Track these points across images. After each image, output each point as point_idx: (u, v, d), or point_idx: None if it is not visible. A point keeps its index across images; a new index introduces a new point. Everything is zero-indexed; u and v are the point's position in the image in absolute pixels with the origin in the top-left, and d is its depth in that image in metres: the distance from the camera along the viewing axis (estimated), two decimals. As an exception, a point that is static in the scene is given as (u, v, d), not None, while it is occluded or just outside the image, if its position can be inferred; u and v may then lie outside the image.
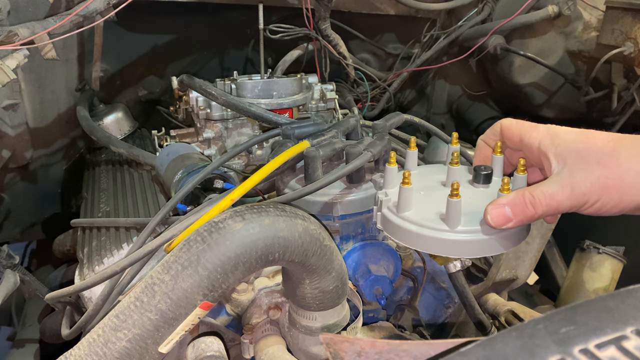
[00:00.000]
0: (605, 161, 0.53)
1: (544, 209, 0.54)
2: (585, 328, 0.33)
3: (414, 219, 0.58)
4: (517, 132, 0.61)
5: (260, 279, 0.81)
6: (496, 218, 0.55)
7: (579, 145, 0.54)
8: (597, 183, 0.52)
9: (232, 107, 1.09)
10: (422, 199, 0.61)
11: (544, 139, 0.57)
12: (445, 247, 0.57)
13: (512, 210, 0.55)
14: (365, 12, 1.62)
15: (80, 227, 1.02)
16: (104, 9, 1.03)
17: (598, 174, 0.52)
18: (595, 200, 0.53)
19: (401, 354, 0.40)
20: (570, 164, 0.54)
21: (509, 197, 0.56)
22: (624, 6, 1.36)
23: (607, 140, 0.54)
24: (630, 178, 0.52)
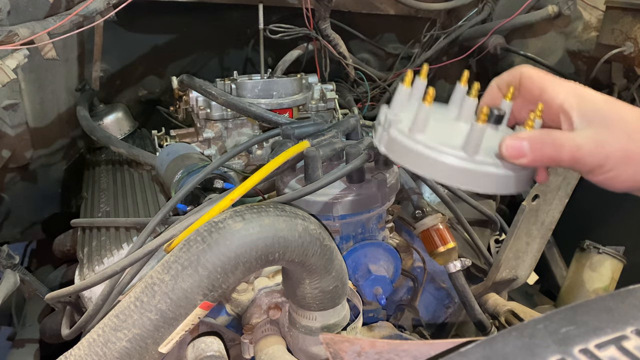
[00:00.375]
0: (632, 134, 0.51)
1: (569, 155, 0.51)
2: (585, 328, 0.33)
3: (429, 143, 0.53)
4: (539, 84, 0.57)
5: (260, 279, 0.81)
6: (511, 149, 0.52)
7: (607, 111, 0.52)
8: (620, 151, 0.51)
9: (232, 107, 1.09)
10: (433, 127, 0.55)
11: (569, 96, 0.54)
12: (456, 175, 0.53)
13: (531, 145, 0.52)
14: (365, 12, 1.62)
15: (80, 227, 1.02)
16: (104, 9, 1.03)
17: (623, 143, 0.51)
18: (611, 167, 0.51)
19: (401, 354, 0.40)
20: (596, 125, 0.52)
21: (531, 133, 0.53)
22: (624, 6, 1.36)
23: (635, 113, 0.52)
24: None
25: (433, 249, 0.91)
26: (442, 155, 0.53)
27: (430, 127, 0.55)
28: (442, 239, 0.90)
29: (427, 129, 0.55)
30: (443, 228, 0.91)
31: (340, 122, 0.88)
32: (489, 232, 1.11)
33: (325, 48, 1.46)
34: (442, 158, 0.53)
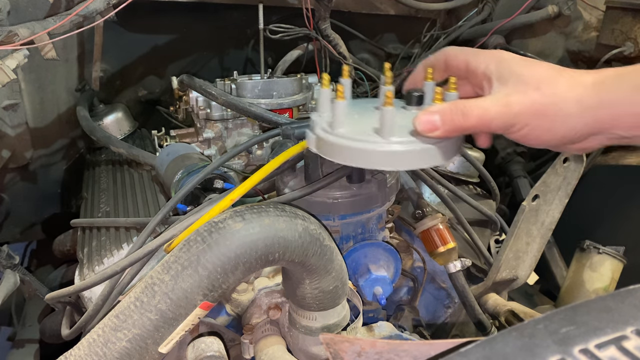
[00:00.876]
0: (544, 88, 0.53)
1: (475, 120, 0.54)
2: (585, 328, 0.33)
3: (348, 135, 0.58)
4: (463, 59, 0.60)
5: (260, 279, 0.81)
6: (424, 124, 0.55)
7: (522, 70, 0.54)
8: (530, 107, 0.53)
9: (232, 107, 1.09)
10: (356, 119, 0.61)
11: (490, 63, 0.57)
12: (379, 159, 0.56)
13: (442, 118, 0.55)
14: (365, 12, 1.62)
15: (80, 227, 1.02)
16: (104, 9, 1.03)
17: (533, 98, 0.53)
18: (524, 124, 0.53)
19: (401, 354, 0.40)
20: (510, 85, 0.54)
21: (441, 106, 0.56)
22: (624, 6, 1.36)
23: (550, 69, 0.54)
24: (563, 106, 0.52)
25: (433, 249, 0.90)
26: (361, 143, 0.56)
27: (354, 120, 0.61)
28: (442, 239, 0.90)
29: (349, 122, 0.60)
30: (443, 228, 0.91)
31: (340, 122, 0.88)
32: (489, 232, 1.11)
33: (325, 48, 1.46)
34: (362, 146, 0.56)
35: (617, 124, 0.53)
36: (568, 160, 0.87)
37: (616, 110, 0.52)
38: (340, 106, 0.59)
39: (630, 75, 0.52)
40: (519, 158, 1.62)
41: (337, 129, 0.59)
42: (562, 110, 0.52)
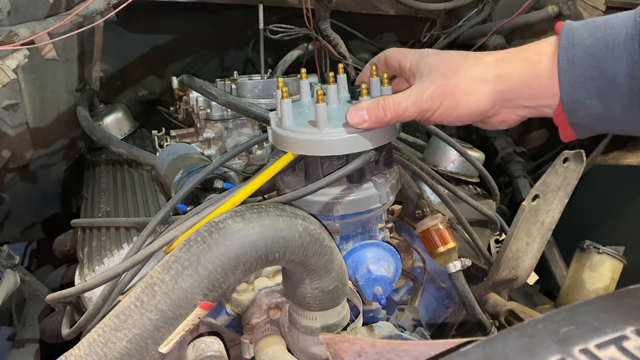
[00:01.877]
0: (448, 72, 0.60)
1: (392, 114, 0.63)
2: (585, 328, 0.33)
3: (292, 128, 0.70)
4: (396, 58, 0.69)
5: (260, 279, 0.81)
6: (354, 118, 0.65)
7: (434, 62, 0.62)
8: (437, 91, 0.61)
9: (232, 107, 1.09)
10: (305, 116, 0.73)
11: (414, 60, 0.65)
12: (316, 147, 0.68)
13: (368, 112, 0.65)
14: (365, 12, 1.62)
15: (80, 227, 1.02)
16: (104, 9, 1.03)
17: (439, 83, 0.60)
18: (437, 106, 0.61)
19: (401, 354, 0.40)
20: (423, 77, 0.63)
21: (368, 102, 0.65)
22: (624, 6, 1.36)
23: (458, 56, 0.62)
24: (465, 85, 0.60)
25: (433, 249, 0.90)
26: (301, 134, 0.69)
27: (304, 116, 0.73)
28: (442, 239, 0.90)
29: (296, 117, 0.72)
30: (443, 228, 0.91)
31: (340, 122, 0.88)
32: (489, 232, 1.11)
33: (325, 48, 1.46)
34: (302, 136, 0.69)
35: (517, 94, 0.59)
36: (568, 160, 0.87)
37: (512, 83, 0.58)
38: (285, 104, 0.71)
39: (526, 51, 0.59)
40: (519, 158, 1.62)
41: (285, 124, 0.71)
42: (464, 89, 0.60)
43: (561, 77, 0.55)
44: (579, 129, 0.59)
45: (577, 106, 0.55)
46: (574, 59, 0.54)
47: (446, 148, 1.06)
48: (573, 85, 0.55)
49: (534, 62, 0.57)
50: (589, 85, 0.54)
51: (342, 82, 0.80)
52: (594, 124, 0.57)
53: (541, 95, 0.58)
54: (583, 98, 0.54)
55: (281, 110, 0.72)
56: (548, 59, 0.56)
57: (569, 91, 0.55)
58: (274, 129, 0.73)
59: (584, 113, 0.56)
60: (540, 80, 0.57)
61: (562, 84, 0.55)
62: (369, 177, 0.77)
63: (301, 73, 0.78)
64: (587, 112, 0.55)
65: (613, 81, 0.52)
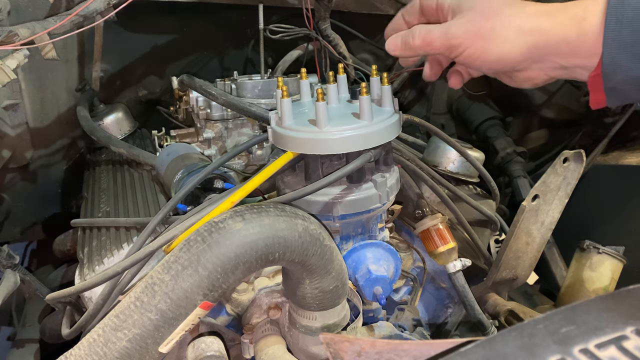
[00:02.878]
0: (488, 13, 0.58)
1: (420, 40, 0.62)
2: (585, 328, 0.33)
3: (292, 127, 0.70)
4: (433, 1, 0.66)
5: (260, 279, 0.81)
6: (390, 44, 0.67)
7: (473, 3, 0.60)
8: (470, 31, 0.59)
9: (232, 107, 1.09)
10: (305, 115, 0.73)
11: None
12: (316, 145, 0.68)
13: (401, 39, 0.65)
14: (365, 12, 1.62)
15: (80, 227, 1.02)
16: (104, 9, 1.03)
17: (476, 22, 0.59)
18: (467, 45, 0.59)
19: (401, 354, 0.40)
20: (462, 13, 0.61)
21: (403, 32, 0.66)
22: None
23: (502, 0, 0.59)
24: (501, 30, 0.58)
25: (433, 249, 0.90)
26: (301, 133, 0.69)
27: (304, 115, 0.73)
28: (442, 239, 0.90)
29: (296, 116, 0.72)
30: (443, 228, 0.91)
31: (340, 122, 0.88)
32: (489, 232, 1.11)
33: (325, 48, 1.46)
34: (302, 135, 0.69)
35: (553, 50, 0.57)
36: (568, 160, 0.87)
37: (551, 37, 0.56)
38: (285, 103, 0.71)
39: (572, 7, 0.56)
40: (519, 158, 1.62)
41: (285, 123, 0.71)
42: (500, 34, 0.57)
43: (607, 37, 0.53)
44: (612, 94, 0.57)
45: (617, 69, 0.54)
46: (623, 19, 0.52)
47: (446, 148, 1.06)
48: (617, 46, 0.53)
49: (579, 19, 0.55)
50: (634, 47, 0.52)
51: (342, 81, 0.80)
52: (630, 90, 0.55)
53: (580, 54, 0.56)
54: (625, 60, 0.53)
55: (281, 110, 0.72)
56: (594, 17, 0.54)
57: (612, 52, 0.53)
58: (274, 128, 0.73)
59: (622, 77, 0.54)
60: (583, 37, 0.55)
61: (607, 43, 0.53)
62: (369, 177, 0.77)
63: (301, 73, 0.78)
64: (627, 76, 0.54)
65: None
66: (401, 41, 0.65)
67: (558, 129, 1.77)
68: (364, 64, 1.66)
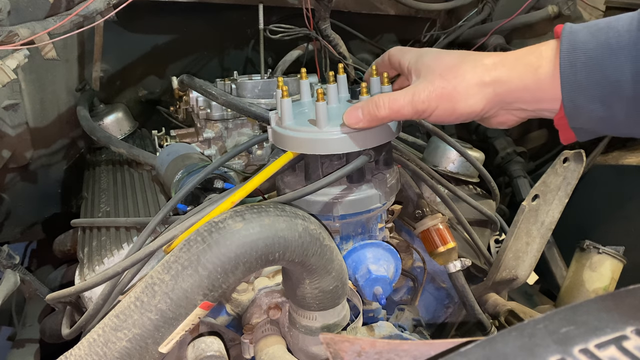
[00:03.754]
0: (446, 74, 0.60)
1: (387, 111, 0.62)
2: (585, 328, 0.33)
3: (292, 127, 0.70)
4: (397, 58, 0.69)
5: (260, 278, 0.81)
6: (349, 118, 0.65)
7: (433, 61, 0.62)
8: (434, 92, 0.60)
9: (232, 107, 1.09)
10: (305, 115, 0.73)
11: (412, 58, 0.65)
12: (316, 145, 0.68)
13: (362, 111, 0.64)
14: (365, 12, 1.62)
15: (80, 227, 1.02)
16: (104, 9, 1.03)
17: (437, 84, 0.60)
18: (434, 107, 0.60)
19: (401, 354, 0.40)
20: (421, 77, 0.62)
21: (362, 102, 0.65)
22: (624, 6, 1.36)
23: (457, 56, 0.61)
24: (462, 88, 0.59)
25: (433, 249, 0.90)
26: (301, 133, 0.69)
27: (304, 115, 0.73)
28: (442, 239, 0.90)
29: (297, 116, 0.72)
30: (443, 228, 0.91)
31: (340, 122, 0.88)
32: (489, 232, 1.11)
33: (325, 48, 1.46)
34: (302, 135, 0.69)
35: (516, 98, 0.59)
36: (568, 160, 0.87)
37: (511, 86, 0.58)
38: (285, 103, 0.71)
39: (526, 55, 0.58)
40: (519, 158, 1.62)
41: (285, 122, 0.71)
42: (462, 92, 0.59)
43: (563, 82, 0.54)
44: (580, 132, 0.58)
45: (579, 110, 0.55)
46: (576, 63, 0.53)
47: (446, 148, 1.06)
48: (575, 90, 0.54)
49: (535, 67, 0.57)
50: (591, 89, 0.53)
51: (342, 81, 0.80)
52: (595, 127, 0.56)
53: (541, 99, 0.57)
54: (585, 102, 0.54)
55: (281, 109, 0.72)
56: (549, 63, 0.56)
57: (571, 95, 0.54)
58: (274, 128, 0.73)
59: (586, 117, 0.55)
60: (541, 84, 0.56)
61: (564, 88, 0.54)
62: (369, 177, 0.77)
63: (301, 73, 0.78)
64: (590, 116, 0.55)
65: (617, 85, 0.51)
66: (364, 113, 0.64)
67: (558, 129, 1.77)
68: (364, 64, 1.66)
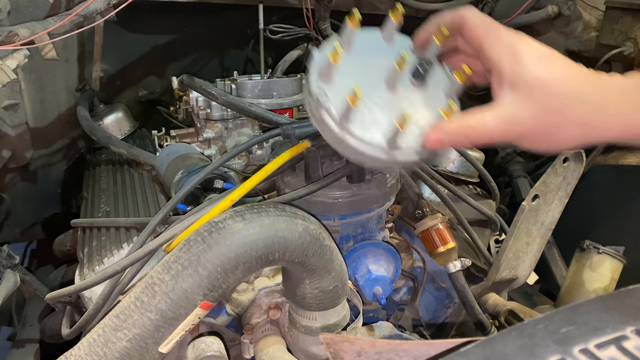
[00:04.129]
0: (552, 110, 0.51)
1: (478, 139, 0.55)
2: (585, 328, 0.33)
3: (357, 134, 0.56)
4: (478, 37, 0.57)
5: (260, 279, 0.81)
6: (431, 141, 0.56)
7: (535, 81, 0.52)
8: (535, 130, 0.53)
9: (232, 107, 1.09)
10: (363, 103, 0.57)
11: (504, 55, 0.54)
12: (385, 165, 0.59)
13: (449, 138, 0.56)
14: (365, 12, 1.62)
15: (80, 227, 1.02)
16: (104, 9, 1.03)
17: (540, 121, 0.52)
18: (528, 141, 0.54)
19: (401, 354, 0.40)
20: (518, 98, 0.53)
21: (451, 126, 0.56)
22: (624, 6, 1.36)
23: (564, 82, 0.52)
24: (566, 129, 0.52)
25: (433, 249, 0.90)
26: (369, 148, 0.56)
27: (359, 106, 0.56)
28: (442, 239, 0.90)
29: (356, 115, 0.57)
30: (443, 228, 0.91)
31: (340, 122, 0.88)
32: (489, 232, 1.11)
33: (325, 48, 1.46)
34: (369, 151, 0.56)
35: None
36: (568, 160, 0.87)
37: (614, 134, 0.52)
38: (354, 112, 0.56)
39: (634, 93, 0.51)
40: (519, 158, 1.62)
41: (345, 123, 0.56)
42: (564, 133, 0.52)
43: None
44: None
45: None
46: None
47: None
48: None
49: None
50: None
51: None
52: None
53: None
54: None
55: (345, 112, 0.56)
56: None
57: None
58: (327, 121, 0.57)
59: None
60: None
61: None
62: (369, 177, 0.77)
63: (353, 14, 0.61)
64: None
65: None
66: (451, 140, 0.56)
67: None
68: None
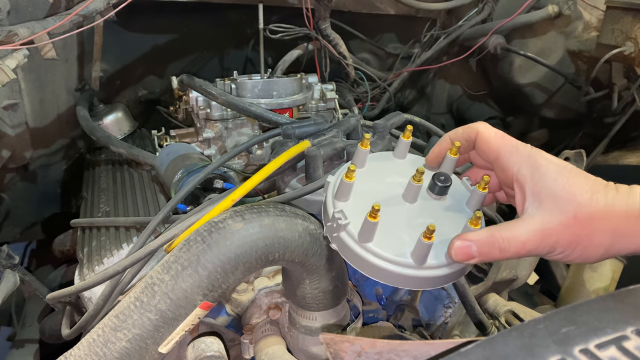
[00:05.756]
0: (582, 218, 0.51)
1: (512, 255, 0.53)
2: (586, 328, 0.33)
3: (378, 252, 0.55)
4: (495, 149, 0.57)
5: (260, 279, 0.81)
6: (461, 254, 0.54)
7: (559, 190, 0.52)
8: (567, 239, 0.52)
9: (232, 106, 1.09)
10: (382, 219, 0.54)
11: (523, 166, 0.54)
12: (411, 282, 0.56)
13: (479, 249, 0.54)
14: (365, 12, 1.62)
15: (80, 227, 1.02)
16: (104, 9, 1.03)
17: (572, 231, 0.52)
18: (560, 252, 0.53)
19: (401, 354, 0.40)
20: (545, 208, 0.52)
21: (479, 235, 0.54)
22: (624, 6, 1.36)
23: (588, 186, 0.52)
24: (597, 237, 0.52)
25: (433, 249, 0.90)
26: (393, 266, 0.54)
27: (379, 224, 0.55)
28: (442, 239, 0.90)
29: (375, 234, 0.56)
30: (443, 228, 0.90)
31: (341, 121, 0.88)
32: (489, 232, 1.11)
33: (325, 48, 1.46)
34: (393, 269, 0.54)
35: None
36: (568, 160, 0.87)
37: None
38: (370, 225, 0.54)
39: None
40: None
41: (365, 243, 0.55)
42: (594, 243, 0.52)
43: None
44: None
45: None
46: None
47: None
48: None
49: None
50: None
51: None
52: None
53: None
54: None
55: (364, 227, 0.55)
56: None
57: None
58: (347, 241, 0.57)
59: None
60: None
61: None
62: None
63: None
64: None
65: None
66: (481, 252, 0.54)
67: (558, 129, 1.77)
68: (364, 64, 1.67)
